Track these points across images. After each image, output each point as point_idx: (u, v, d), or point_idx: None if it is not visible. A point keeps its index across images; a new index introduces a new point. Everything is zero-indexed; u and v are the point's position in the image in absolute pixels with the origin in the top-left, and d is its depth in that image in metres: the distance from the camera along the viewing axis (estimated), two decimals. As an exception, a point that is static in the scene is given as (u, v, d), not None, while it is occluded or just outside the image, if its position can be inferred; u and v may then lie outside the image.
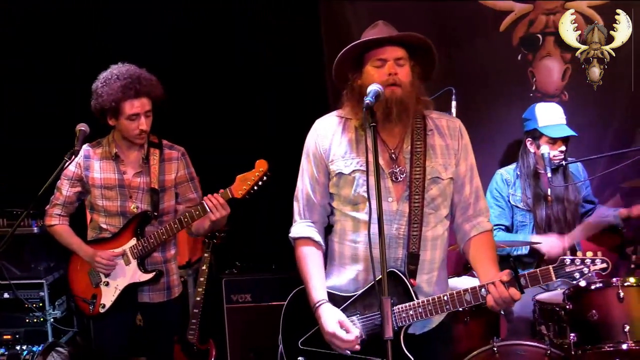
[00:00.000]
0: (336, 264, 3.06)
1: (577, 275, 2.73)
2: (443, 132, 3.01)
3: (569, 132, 4.35)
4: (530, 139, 4.44)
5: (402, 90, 2.85)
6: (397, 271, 2.89)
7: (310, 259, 3.03)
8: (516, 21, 4.83)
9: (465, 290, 2.82)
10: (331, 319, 2.87)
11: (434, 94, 4.14)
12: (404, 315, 2.86)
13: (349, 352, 2.86)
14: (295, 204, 3.13)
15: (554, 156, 4.35)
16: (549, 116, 4.42)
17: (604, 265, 2.74)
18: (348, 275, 3.01)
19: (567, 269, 2.74)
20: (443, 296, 2.84)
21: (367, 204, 2.80)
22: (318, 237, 3.06)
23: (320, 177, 3.03)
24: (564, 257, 2.75)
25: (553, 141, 4.36)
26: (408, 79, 2.89)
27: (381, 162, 2.92)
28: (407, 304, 2.86)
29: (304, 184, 3.08)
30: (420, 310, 2.85)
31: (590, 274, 2.74)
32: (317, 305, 2.93)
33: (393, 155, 2.95)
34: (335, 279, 3.05)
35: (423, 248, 2.94)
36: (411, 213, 2.91)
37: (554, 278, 2.74)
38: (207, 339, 4.82)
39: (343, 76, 2.98)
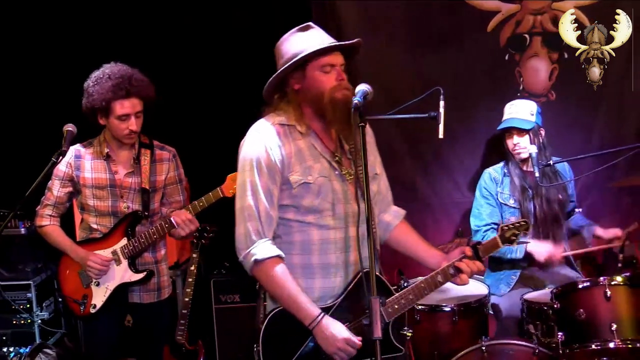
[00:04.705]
0: (301, 277, 2.95)
1: (513, 238, 3.05)
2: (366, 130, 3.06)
3: (509, 124, 4.41)
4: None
5: (350, 94, 2.88)
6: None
7: (290, 277, 2.89)
8: (503, 21, 4.84)
9: (437, 273, 3.00)
10: (341, 326, 2.86)
11: (421, 93, 4.15)
12: (389, 310, 2.92)
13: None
14: (249, 224, 2.90)
15: (512, 147, 4.43)
16: (507, 111, 4.50)
17: (524, 223, 3.08)
18: (319, 285, 2.96)
19: (507, 234, 3.05)
20: (420, 283, 2.99)
21: (332, 209, 2.92)
22: (283, 254, 2.92)
23: (275, 190, 2.91)
24: (504, 224, 3.09)
25: (507, 134, 4.46)
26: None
27: (334, 165, 2.97)
28: (391, 298, 2.94)
29: (259, 201, 2.89)
30: (403, 302, 2.95)
31: (521, 234, 3.06)
32: (318, 319, 2.84)
33: (337, 158, 2.99)
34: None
35: (378, 244, 3.07)
36: (368, 211, 2.91)
37: (500, 244, 3.03)
38: (195, 340, 4.80)
39: (277, 82, 2.97)
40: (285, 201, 2.94)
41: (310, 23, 2.99)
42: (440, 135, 4.06)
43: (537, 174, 4.23)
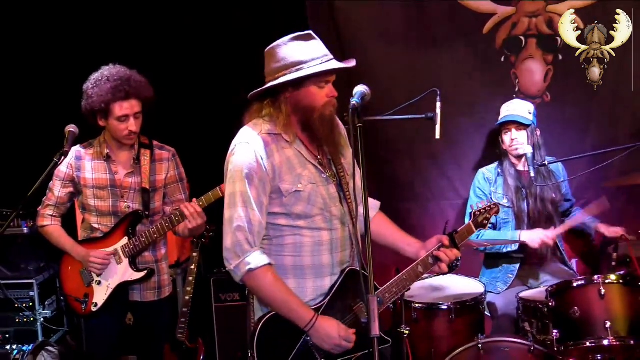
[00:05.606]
0: (292, 277, 3.02)
1: (485, 222, 3.26)
2: (341, 127, 3.15)
3: (508, 118, 4.44)
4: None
5: (335, 111, 3.00)
6: (356, 269, 3.00)
7: (282, 282, 2.96)
8: (499, 24, 4.86)
9: (417, 264, 3.11)
10: (335, 324, 2.95)
11: (418, 95, 4.19)
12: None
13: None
14: (239, 234, 2.91)
15: (509, 143, 4.46)
16: (505, 109, 4.54)
17: (494, 206, 3.30)
18: (311, 285, 3.03)
19: (479, 219, 3.25)
20: (402, 275, 3.11)
21: (322, 213, 2.99)
22: (272, 262, 2.98)
23: (265, 200, 2.94)
24: (476, 210, 3.27)
25: (505, 130, 4.49)
26: None
27: (320, 169, 3.03)
28: (376, 292, 2.99)
29: (252, 211, 2.91)
30: (387, 296, 3.06)
31: (492, 216, 3.27)
32: (313, 320, 2.91)
33: (319, 161, 3.05)
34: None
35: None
36: (350, 212, 3.04)
37: (474, 229, 3.22)
38: (195, 338, 4.84)
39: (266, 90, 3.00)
40: (275, 209, 2.98)
41: (311, 32, 2.99)
42: (437, 136, 4.12)
43: (532, 174, 4.27)
